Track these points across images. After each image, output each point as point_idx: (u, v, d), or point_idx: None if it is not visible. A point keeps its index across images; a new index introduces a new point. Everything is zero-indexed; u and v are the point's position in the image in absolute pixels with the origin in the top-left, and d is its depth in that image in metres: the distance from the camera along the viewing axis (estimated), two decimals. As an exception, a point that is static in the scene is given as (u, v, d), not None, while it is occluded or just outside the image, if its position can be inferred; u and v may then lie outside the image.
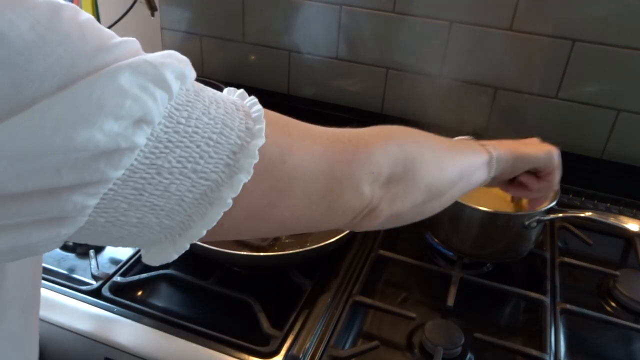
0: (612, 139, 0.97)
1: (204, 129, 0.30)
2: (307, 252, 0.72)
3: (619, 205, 0.96)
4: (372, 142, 0.43)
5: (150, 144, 0.28)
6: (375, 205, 0.43)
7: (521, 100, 0.99)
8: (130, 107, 0.26)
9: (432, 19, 0.98)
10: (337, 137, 0.41)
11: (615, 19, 0.87)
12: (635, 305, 0.75)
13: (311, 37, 1.09)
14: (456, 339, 0.65)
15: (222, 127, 0.31)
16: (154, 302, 0.70)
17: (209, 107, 0.31)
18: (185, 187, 0.30)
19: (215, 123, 0.31)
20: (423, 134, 0.50)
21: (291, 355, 0.62)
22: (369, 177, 0.42)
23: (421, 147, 0.48)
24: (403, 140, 0.46)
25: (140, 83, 0.27)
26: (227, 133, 0.31)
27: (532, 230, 0.75)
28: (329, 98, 1.13)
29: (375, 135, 0.44)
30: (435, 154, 0.50)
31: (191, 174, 0.30)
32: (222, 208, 0.31)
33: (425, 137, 0.51)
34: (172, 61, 0.29)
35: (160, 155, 0.28)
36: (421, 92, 1.05)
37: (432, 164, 0.49)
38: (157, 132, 0.28)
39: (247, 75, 1.17)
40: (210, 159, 0.30)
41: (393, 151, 0.44)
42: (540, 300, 0.73)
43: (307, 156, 0.37)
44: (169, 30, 1.19)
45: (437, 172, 0.49)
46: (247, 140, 0.32)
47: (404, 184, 0.45)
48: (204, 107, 0.31)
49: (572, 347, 0.69)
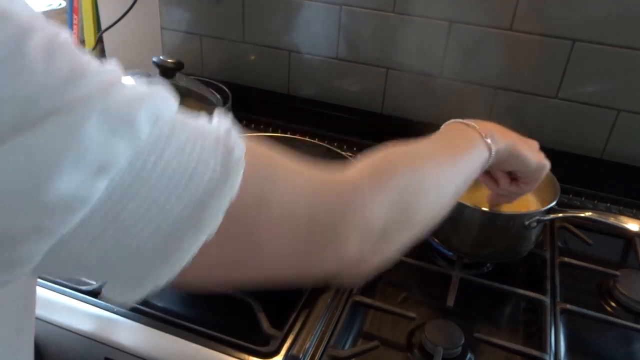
0: (612, 139, 0.97)
1: (172, 173, 0.27)
2: (307, 252, 0.72)
3: (619, 205, 0.96)
4: (364, 188, 0.38)
5: (108, 190, 0.26)
6: (365, 258, 0.39)
7: (521, 100, 0.99)
8: (91, 158, 0.24)
9: (432, 19, 0.98)
10: (325, 183, 0.37)
11: (615, 19, 0.87)
12: (635, 305, 0.75)
13: (311, 37, 1.09)
14: (456, 339, 0.65)
15: (193, 171, 0.28)
16: (154, 302, 0.70)
17: (184, 146, 0.28)
18: (144, 235, 0.27)
19: (187, 166, 0.28)
20: (422, 152, 0.47)
21: (291, 355, 0.62)
22: (359, 231, 0.37)
23: (422, 175, 0.44)
24: (401, 173, 0.42)
25: (106, 129, 0.25)
26: (197, 179, 0.28)
27: (532, 230, 0.75)
28: (329, 98, 1.13)
29: (369, 176, 0.40)
30: (438, 176, 0.46)
31: (152, 221, 0.27)
32: (181, 262, 0.28)
33: (425, 155, 0.47)
34: (150, 98, 0.27)
35: (119, 201, 0.26)
36: (421, 92, 1.05)
37: (434, 191, 0.45)
38: (118, 177, 0.26)
39: (247, 75, 1.17)
40: (175, 206, 0.28)
41: (389, 195, 0.40)
42: (540, 300, 0.73)
43: (288, 205, 0.33)
44: (169, 30, 1.19)
45: (440, 198, 0.46)
46: (220, 188, 0.29)
47: (401, 228, 0.41)
48: (177, 148, 0.28)
49: (572, 347, 0.69)
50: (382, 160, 0.43)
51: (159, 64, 0.98)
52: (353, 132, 1.09)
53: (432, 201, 0.45)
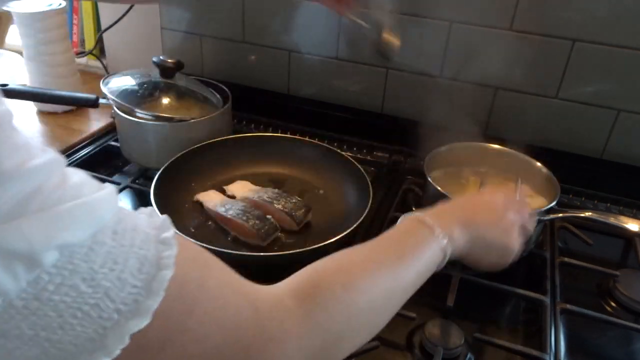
0: (612, 139, 0.97)
1: (75, 298, 0.26)
2: (307, 252, 0.72)
3: (619, 205, 0.96)
4: (287, 320, 0.37)
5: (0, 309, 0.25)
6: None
7: (521, 100, 0.99)
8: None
9: (432, 19, 0.98)
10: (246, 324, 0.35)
11: (615, 19, 0.87)
12: (635, 305, 0.75)
13: (311, 37, 1.09)
14: (456, 339, 0.65)
15: (101, 297, 0.27)
16: None
17: (100, 269, 0.27)
18: (34, 355, 0.26)
19: (95, 292, 0.27)
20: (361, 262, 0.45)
21: (291, 355, 0.62)
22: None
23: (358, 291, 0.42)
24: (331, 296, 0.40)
25: (6, 256, 0.24)
26: (103, 305, 0.27)
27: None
28: (329, 98, 1.13)
29: (295, 304, 0.38)
30: (378, 286, 0.43)
31: (44, 342, 0.26)
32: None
33: (365, 265, 0.44)
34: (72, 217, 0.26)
35: (9, 320, 0.25)
36: (421, 92, 1.05)
37: (370, 310, 0.43)
38: (11, 298, 0.25)
39: (247, 75, 1.17)
40: (72, 331, 0.27)
41: (316, 325, 0.38)
42: (540, 300, 0.73)
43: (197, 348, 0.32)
44: (169, 30, 1.19)
45: (378, 314, 0.44)
46: (127, 316, 0.28)
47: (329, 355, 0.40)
48: (89, 270, 0.27)
49: (572, 347, 0.69)
50: (313, 280, 0.41)
51: (159, 64, 0.98)
52: (353, 132, 1.09)
53: (369, 319, 0.44)
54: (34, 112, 1.14)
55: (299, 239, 0.81)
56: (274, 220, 0.80)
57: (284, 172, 0.97)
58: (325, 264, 0.44)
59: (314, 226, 0.84)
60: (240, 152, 0.97)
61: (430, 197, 0.81)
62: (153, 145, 0.94)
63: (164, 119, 0.93)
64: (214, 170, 0.94)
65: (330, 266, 0.44)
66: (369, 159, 1.05)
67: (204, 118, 0.95)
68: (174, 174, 0.87)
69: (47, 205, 0.26)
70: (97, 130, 1.10)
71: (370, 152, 1.07)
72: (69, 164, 0.29)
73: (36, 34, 1.07)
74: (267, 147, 0.98)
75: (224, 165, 0.95)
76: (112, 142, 1.05)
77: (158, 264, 0.30)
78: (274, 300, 0.38)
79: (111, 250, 0.28)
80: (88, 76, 1.28)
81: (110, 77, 1.01)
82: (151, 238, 0.30)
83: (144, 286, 0.29)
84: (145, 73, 1.00)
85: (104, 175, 0.96)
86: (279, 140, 1.01)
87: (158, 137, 0.94)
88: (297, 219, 0.81)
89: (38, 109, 1.15)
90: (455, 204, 0.60)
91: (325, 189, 0.93)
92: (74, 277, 0.26)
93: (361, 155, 1.06)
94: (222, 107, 1.00)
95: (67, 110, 1.15)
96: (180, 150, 0.90)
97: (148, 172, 0.96)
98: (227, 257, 0.73)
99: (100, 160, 1.02)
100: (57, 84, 1.10)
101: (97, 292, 0.27)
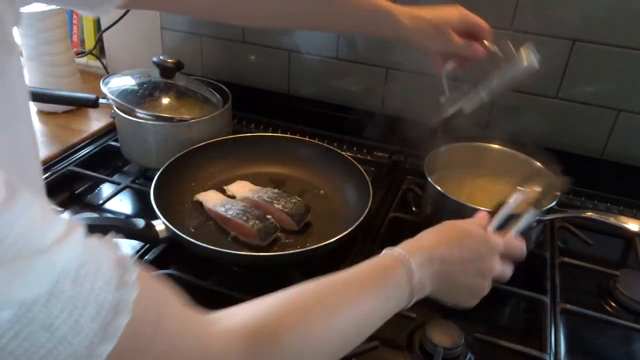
0: (612, 139, 0.97)
1: (33, 344, 0.26)
2: (307, 252, 0.72)
3: (619, 205, 0.96)
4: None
5: None
6: None
7: (521, 100, 0.99)
8: None
9: (432, 19, 0.98)
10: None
11: (615, 19, 0.87)
12: (635, 305, 0.75)
13: (311, 37, 1.09)
14: (456, 339, 0.65)
15: (59, 341, 0.27)
16: None
17: (60, 313, 0.27)
18: None
19: (52, 336, 0.27)
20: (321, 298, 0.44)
21: (291, 355, 0.62)
22: None
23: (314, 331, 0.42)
24: (283, 340, 0.40)
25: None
26: (61, 348, 0.27)
27: (532, 230, 0.75)
28: (329, 98, 1.13)
29: (245, 350, 0.38)
30: (334, 324, 0.44)
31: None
32: None
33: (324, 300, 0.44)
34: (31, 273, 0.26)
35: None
36: (421, 92, 1.05)
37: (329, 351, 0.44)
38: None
39: (247, 75, 1.17)
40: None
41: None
42: (540, 300, 0.73)
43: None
44: (168, 30, 1.19)
45: (337, 353, 0.45)
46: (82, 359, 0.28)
47: None
48: (48, 317, 0.27)
49: (572, 347, 0.69)
50: (266, 323, 0.41)
51: (159, 64, 0.98)
52: (353, 132, 1.09)
53: (324, 358, 0.44)
54: (34, 112, 1.15)
55: (299, 239, 0.81)
56: (274, 220, 0.80)
57: (284, 172, 0.97)
58: (282, 303, 0.43)
59: (314, 226, 0.84)
60: (240, 152, 0.97)
61: (430, 197, 0.81)
62: (153, 145, 0.94)
63: (164, 119, 0.93)
64: (214, 170, 0.94)
65: (287, 305, 0.43)
66: (369, 159, 1.05)
67: (204, 118, 0.95)
68: (174, 174, 0.87)
69: (4, 261, 0.25)
70: (97, 130, 1.10)
71: (370, 152, 1.07)
72: (69, 164, 0.28)
73: (36, 34, 1.07)
74: (267, 147, 0.98)
75: (224, 165, 0.95)
76: (112, 142, 1.05)
77: (116, 308, 0.30)
78: (225, 344, 0.38)
79: (71, 296, 0.28)
80: (88, 76, 1.28)
81: (110, 77, 1.01)
82: (113, 281, 0.30)
83: (100, 331, 0.29)
84: (145, 73, 1.00)
85: (104, 175, 0.96)
86: (279, 140, 1.01)
87: (158, 137, 0.94)
88: (297, 219, 0.81)
89: (38, 108, 1.15)
90: (431, 235, 0.58)
91: (325, 189, 0.93)
92: (31, 326, 0.26)
93: (361, 155, 1.06)
94: (222, 107, 1.00)
95: (67, 110, 1.15)
96: (180, 150, 0.90)
97: (148, 172, 0.96)
98: (227, 258, 0.73)
99: (100, 160, 1.02)
100: (57, 83, 1.10)
101: (54, 336, 0.27)
